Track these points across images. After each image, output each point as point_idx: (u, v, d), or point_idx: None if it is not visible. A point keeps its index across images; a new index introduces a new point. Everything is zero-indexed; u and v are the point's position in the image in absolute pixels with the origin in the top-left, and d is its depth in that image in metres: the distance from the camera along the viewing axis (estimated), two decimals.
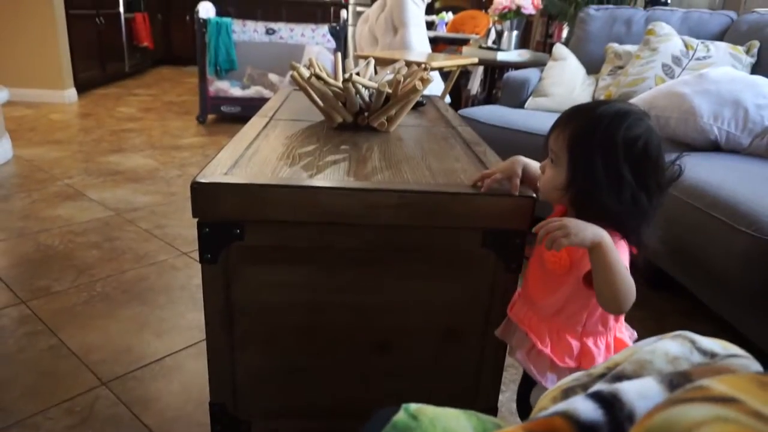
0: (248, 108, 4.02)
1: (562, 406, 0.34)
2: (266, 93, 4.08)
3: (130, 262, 1.93)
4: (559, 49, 2.72)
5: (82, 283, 1.77)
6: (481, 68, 4.15)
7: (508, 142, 2.16)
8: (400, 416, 0.48)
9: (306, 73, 1.31)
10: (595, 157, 0.78)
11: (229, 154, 1.09)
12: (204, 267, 0.98)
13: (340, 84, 1.31)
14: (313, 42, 4.00)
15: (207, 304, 1.01)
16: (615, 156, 0.77)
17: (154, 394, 1.31)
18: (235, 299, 1.01)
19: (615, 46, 2.63)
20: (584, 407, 0.33)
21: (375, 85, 1.28)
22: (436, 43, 4.31)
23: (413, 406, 0.50)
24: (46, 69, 4.46)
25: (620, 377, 0.38)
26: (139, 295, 1.73)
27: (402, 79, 1.33)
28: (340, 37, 3.95)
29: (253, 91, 4.09)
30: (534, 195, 0.98)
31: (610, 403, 0.33)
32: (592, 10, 2.85)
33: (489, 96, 3.61)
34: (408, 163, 1.12)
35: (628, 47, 2.58)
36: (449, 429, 0.48)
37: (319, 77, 1.30)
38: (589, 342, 0.88)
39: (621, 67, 2.53)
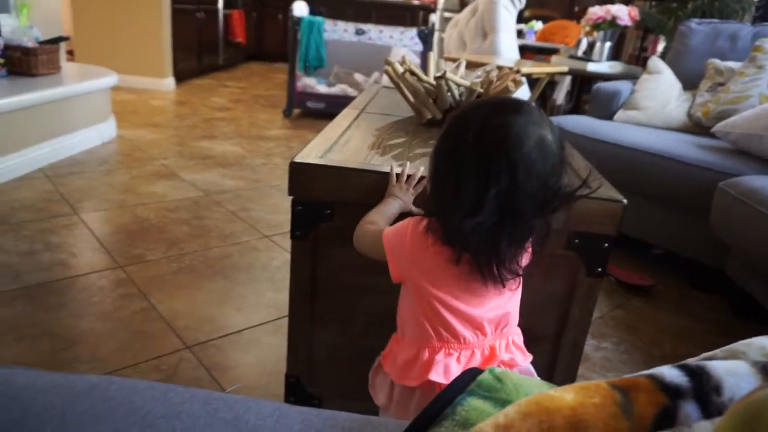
0: (332, 105, 4.14)
1: (647, 371, 0.35)
2: (351, 91, 4.18)
3: (215, 240, 2.05)
4: (655, 62, 2.62)
5: (172, 255, 1.90)
6: (568, 78, 4.06)
7: (594, 153, 2.11)
8: (486, 376, 0.50)
9: (400, 68, 1.35)
10: (442, 150, 0.73)
11: (323, 140, 1.14)
12: (293, 243, 1.03)
13: (432, 81, 1.33)
14: (401, 44, 4.07)
15: (293, 279, 1.06)
16: (459, 141, 0.69)
17: (232, 362, 1.39)
18: (319, 277, 1.06)
19: (716, 62, 2.51)
20: (669, 372, 0.33)
21: (467, 83, 1.30)
22: (524, 52, 4.26)
23: (498, 370, 0.51)
24: (150, 58, 4.79)
25: (710, 359, 0.38)
26: (222, 270, 1.83)
27: (494, 80, 1.34)
28: (427, 40, 3.99)
29: (338, 88, 4.20)
30: (624, 200, 0.96)
31: (696, 373, 0.33)
32: (694, 23, 2.73)
33: (575, 107, 3.53)
34: None
35: (731, 64, 2.45)
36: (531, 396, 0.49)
37: (413, 73, 1.33)
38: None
39: (721, 84, 2.41)
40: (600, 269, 1.00)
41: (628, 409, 0.33)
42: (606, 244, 0.99)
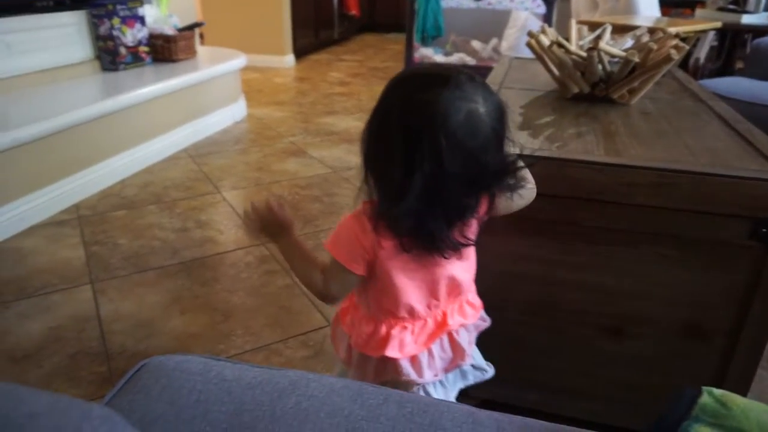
0: None
1: None
2: (468, 60, 4.07)
3: None
4: None
5: (308, 233, 1.97)
6: (711, 33, 3.65)
7: (756, 120, 1.88)
8: (707, 400, 0.45)
9: (546, 41, 1.27)
10: (370, 128, 0.71)
11: None
12: None
13: (582, 53, 1.24)
14: (522, 7, 3.87)
15: None
16: (384, 120, 0.68)
17: None
18: None
19: None
20: None
21: (623, 54, 1.19)
22: (661, 7, 3.88)
23: (717, 391, 0.47)
24: (271, 36, 4.96)
25: None
26: None
27: (653, 47, 1.22)
28: (551, 1, 3.76)
29: (455, 57, 4.11)
30: None
31: None
32: None
33: (725, 66, 3.17)
34: (661, 140, 1.04)
35: None
36: (764, 424, 0.44)
37: (561, 45, 1.25)
38: None
39: None
40: None
41: None
42: None
